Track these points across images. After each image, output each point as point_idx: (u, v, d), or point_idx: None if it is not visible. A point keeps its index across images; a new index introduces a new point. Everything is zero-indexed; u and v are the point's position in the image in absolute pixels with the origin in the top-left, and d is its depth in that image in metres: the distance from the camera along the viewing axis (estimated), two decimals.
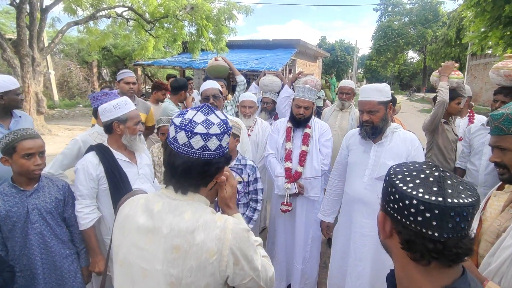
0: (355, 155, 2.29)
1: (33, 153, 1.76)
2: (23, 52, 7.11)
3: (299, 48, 15.77)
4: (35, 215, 1.82)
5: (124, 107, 2.01)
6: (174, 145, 1.00)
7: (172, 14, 9.37)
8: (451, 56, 25.20)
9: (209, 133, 0.98)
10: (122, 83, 3.46)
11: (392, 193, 0.75)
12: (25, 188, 1.83)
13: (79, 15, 9.19)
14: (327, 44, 47.41)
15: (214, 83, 2.89)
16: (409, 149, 2.13)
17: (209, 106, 1.06)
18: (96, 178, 1.97)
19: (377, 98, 2.11)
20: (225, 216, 1.03)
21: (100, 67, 17.53)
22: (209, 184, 1.07)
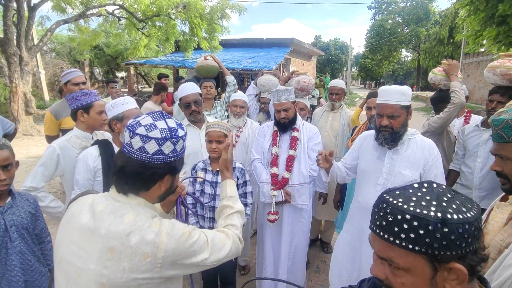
0: (368, 162, 2.11)
1: None
2: (10, 51, 6.94)
3: (293, 46, 15.72)
4: (14, 232, 1.64)
5: (121, 106, 2.05)
6: (123, 144, 1.07)
7: (164, 12, 9.24)
8: (444, 55, 25.39)
9: (148, 136, 1.01)
10: (70, 84, 3.07)
11: (459, 234, 0.66)
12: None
13: (69, 13, 9.03)
14: (321, 42, 47.47)
15: (194, 87, 2.77)
16: (427, 157, 1.95)
17: (163, 113, 1.10)
18: (93, 170, 2.00)
19: (400, 101, 1.92)
20: (163, 221, 1.04)
21: (92, 66, 17.32)
22: (153, 190, 1.08)
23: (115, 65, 17.42)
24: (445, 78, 2.98)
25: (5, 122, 2.85)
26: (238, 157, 3.09)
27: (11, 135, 2.92)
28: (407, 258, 0.69)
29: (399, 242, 0.68)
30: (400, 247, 0.69)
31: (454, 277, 0.68)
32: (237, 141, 3.17)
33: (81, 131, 2.24)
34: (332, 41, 48.35)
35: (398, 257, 0.70)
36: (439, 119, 2.84)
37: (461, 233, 0.65)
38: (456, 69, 2.91)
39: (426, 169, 1.96)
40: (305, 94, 3.57)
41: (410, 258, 0.69)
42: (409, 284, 0.71)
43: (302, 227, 2.72)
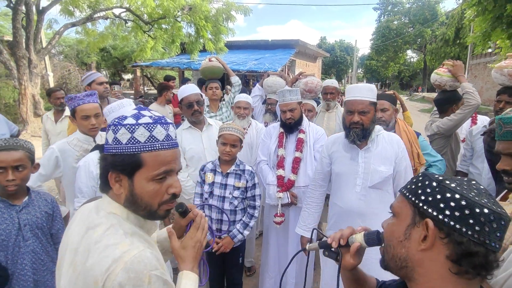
0: (342, 164, 2.10)
1: (4, 167, 1.60)
2: (19, 54, 7.04)
3: (298, 48, 15.72)
4: (27, 231, 1.67)
5: (118, 110, 1.94)
6: None
7: (170, 15, 9.31)
8: (450, 56, 25.17)
9: (109, 124, 0.94)
10: (95, 84, 3.19)
11: (453, 199, 0.68)
12: (13, 202, 1.67)
13: (77, 16, 9.14)
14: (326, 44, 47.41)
15: (195, 87, 2.78)
16: (396, 151, 2.00)
17: (141, 107, 1.00)
18: (96, 177, 1.89)
19: (370, 98, 1.96)
20: (136, 245, 0.87)
21: (99, 68, 17.49)
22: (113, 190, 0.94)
23: (122, 67, 17.59)
24: (452, 79, 2.95)
25: (9, 123, 2.96)
26: (243, 158, 3.08)
27: (15, 136, 3.00)
28: (401, 204, 0.80)
29: (404, 192, 0.79)
30: (403, 196, 0.79)
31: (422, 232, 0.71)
32: None
33: (82, 134, 2.20)
34: (337, 42, 48.28)
35: (397, 203, 0.82)
36: (450, 121, 2.80)
37: (448, 198, 0.68)
38: (462, 69, 2.88)
39: (397, 162, 1.99)
40: (313, 95, 3.58)
41: (403, 204, 0.79)
42: (391, 225, 0.82)
43: None
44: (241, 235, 2.37)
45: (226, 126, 2.36)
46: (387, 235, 0.83)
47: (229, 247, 2.35)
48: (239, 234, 2.37)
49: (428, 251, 0.71)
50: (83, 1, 8.79)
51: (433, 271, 0.71)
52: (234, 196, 2.37)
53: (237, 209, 2.40)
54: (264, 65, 12.07)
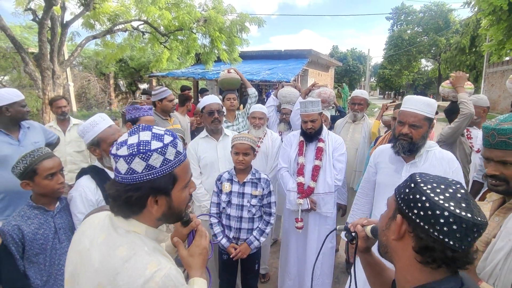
0: (385, 175, 2.08)
1: (55, 172, 1.75)
2: (44, 66, 7.37)
3: (311, 58, 15.83)
4: (62, 234, 1.81)
5: (92, 129, 1.87)
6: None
7: (186, 27, 9.59)
8: (466, 64, 24.82)
9: (117, 154, 0.91)
10: (166, 101, 3.60)
11: (420, 200, 0.79)
12: (49, 208, 1.80)
13: (97, 29, 9.52)
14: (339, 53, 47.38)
15: (217, 98, 2.95)
16: (446, 171, 1.88)
17: (142, 126, 0.97)
18: (96, 203, 1.81)
19: (425, 112, 1.88)
20: (163, 264, 0.90)
21: (117, 78, 18.01)
22: (145, 213, 0.96)
23: (138, 77, 18.06)
24: (452, 90, 3.01)
25: (47, 132, 3.05)
26: (258, 167, 3.17)
27: (53, 144, 3.12)
28: (391, 199, 0.93)
29: (395, 189, 0.92)
30: (394, 192, 0.92)
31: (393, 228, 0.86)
32: (258, 151, 3.28)
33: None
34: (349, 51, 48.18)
35: (390, 197, 0.94)
36: (449, 129, 2.88)
37: (422, 203, 0.78)
38: (462, 80, 2.94)
39: None
40: (326, 105, 3.64)
41: (392, 200, 0.92)
42: (382, 216, 0.97)
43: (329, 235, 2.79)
44: (257, 241, 2.45)
45: (237, 136, 2.45)
46: (379, 224, 0.98)
47: (246, 253, 2.43)
48: (256, 240, 2.44)
49: (400, 241, 0.85)
50: (103, 15, 9.17)
51: (405, 258, 0.85)
52: (252, 204, 2.45)
53: (255, 217, 2.48)
54: (277, 74, 12.21)
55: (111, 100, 16.71)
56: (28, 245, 1.68)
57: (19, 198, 2.29)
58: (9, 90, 2.61)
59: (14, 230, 1.66)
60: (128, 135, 0.95)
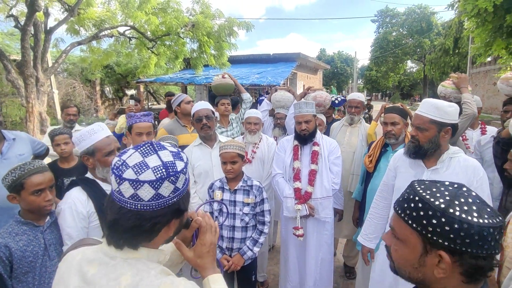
0: (404, 180, 1.99)
1: (43, 189, 1.65)
2: (27, 73, 7.14)
3: (299, 61, 15.90)
4: (52, 251, 1.71)
5: (89, 138, 1.78)
6: (112, 191, 0.86)
7: (173, 32, 9.48)
8: (450, 65, 25.38)
9: (139, 180, 0.80)
10: (184, 104, 3.56)
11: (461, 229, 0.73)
12: (38, 223, 1.69)
13: (82, 35, 9.32)
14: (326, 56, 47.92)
15: (206, 103, 2.84)
16: (471, 179, 1.78)
17: (154, 144, 0.89)
18: (87, 216, 1.71)
19: (430, 115, 1.83)
20: (176, 282, 0.83)
21: (103, 85, 17.69)
22: (157, 238, 0.89)
23: (125, 83, 17.79)
24: (455, 91, 2.97)
25: (36, 143, 2.89)
26: (255, 173, 3.11)
27: (42, 155, 2.97)
28: (405, 231, 0.82)
29: (403, 216, 0.82)
30: (403, 221, 0.82)
31: (444, 266, 0.77)
32: (254, 157, 3.21)
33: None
34: (336, 54, 48.78)
35: (399, 228, 0.84)
36: None
37: (457, 229, 0.72)
38: (465, 81, 2.92)
39: None
40: (321, 109, 3.59)
41: (407, 232, 0.82)
42: (400, 252, 0.85)
43: (326, 240, 2.74)
44: (251, 252, 2.35)
45: (223, 145, 2.36)
46: (399, 261, 0.88)
47: (240, 265, 2.34)
48: (249, 251, 2.35)
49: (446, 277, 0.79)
50: (88, 20, 8.98)
51: (449, 285, 0.80)
52: (244, 212, 2.37)
53: (248, 226, 2.39)
54: (266, 78, 12.19)
55: (97, 107, 16.39)
56: (16, 263, 1.57)
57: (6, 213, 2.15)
58: None
59: (1, 248, 1.54)
60: (141, 156, 0.85)
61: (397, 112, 2.69)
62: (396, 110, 2.73)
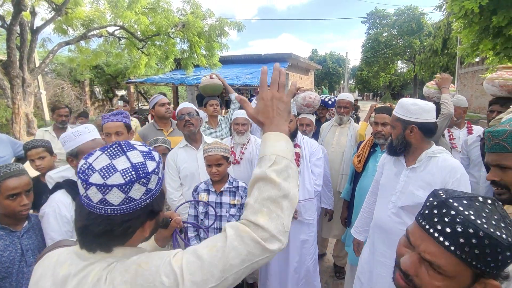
0: (386, 177, 2.08)
1: (18, 193, 1.59)
2: (13, 74, 7.02)
3: (291, 61, 15.95)
4: (30, 256, 1.65)
5: (74, 139, 1.76)
6: (80, 195, 0.82)
7: (163, 32, 9.41)
8: (439, 65, 25.74)
9: (107, 184, 0.76)
10: (157, 106, 3.43)
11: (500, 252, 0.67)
12: (15, 228, 1.64)
13: (70, 35, 9.19)
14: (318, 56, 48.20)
15: (188, 104, 2.83)
16: (446, 179, 1.78)
17: (122, 144, 0.84)
18: (71, 220, 1.68)
19: (396, 113, 1.93)
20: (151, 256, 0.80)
21: (93, 85, 17.48)
22: (132, 239, 0.85)
23: (115, 83, 17.60)
24: (438, 91, 3.00)
25: (17, 145, 2.83)
26: (243, 174, 3.09)
27: (24, 158, 2.90)
28: (457, 268, 0.69)
29: (460, 253, 0.68)
30: (457, 257, 0.68)
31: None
32: (242, 158, 3.18)
33: None
34: (328, 54, 49.09)
35: (448, 265, 0.70)
36: None
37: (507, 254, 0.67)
38: (447, 82, 2.95)
39: None
40: (311, 110, 3.58)
41: (460, 269, 0.69)
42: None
43: (311, 242, 2.71)
44: None
45: (207, 147, 2.32)
46: None
47: None
48: None
49: None
50: (76, 20, 8.86)
51: None
52: (231, 214, 2.33)
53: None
54: (257, 79, 12.18)
55: (87, 108, 16.15)
56: None
57: None
58: None
59: None
60: (109, 158, 0.80)
61: (387, 113, 2.70)
62: (386, 110, 2.73)
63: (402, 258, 0.79)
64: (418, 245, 0.75)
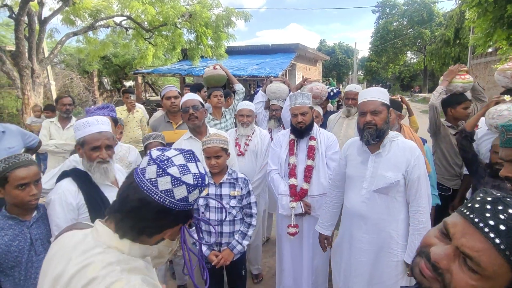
0: (353, 167, 2.16)
1: (27, 183, 1.62)
2: (22, 64, 7.07)
3: (298, 52, 15.76)
4: (39, 246, 1.70)
5: (82, 129, 1.80)
6: (139, 177, 0.89)
7: (170, 22, 9.36)
8: (451, 56, 25.22)
9: (181, 180, 0.87)
10: (164, 99, 3.44)
11: None
12: (24, 218, 1.68)
13: (78, 26, 9.20)
14: (326, 47, 47.55)
15: (194, 95, 2.80)
16: (408, 158, 1.98)
17: (193, 153, 0.97)
18: (76, 208, 1.73)
19: (380, 98, 2.02)
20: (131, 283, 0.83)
21: (101, 76, 17.57)
22: (155, 238, 0.94)
23: (123, 74, 17.65)
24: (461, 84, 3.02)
25: (27, 136, 2.86)
26: (247, 166, 3.09)
27: (34, 148, 2.94)
28: (499, 268, 0.63)
29: (509, 254, 0.62)
30: (504, 257, 0.63)
31: None
32: (246, 150, 3.18)
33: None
34: (337, 45, 48.37)
35: (490, 264, 0.64)
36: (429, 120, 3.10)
37: None
38: (451, 74, 3.03)
39: (409, 170, 1.98)
40: (318, 101, 3.54)
41: (502, 270, 0.64)
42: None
43: None
44: (240, 245, 2.32)
45: (205, 139, 2.31)
46: None
47: (229, 259, 2.30)
48: (238, 244, 2.32)
49: None
50: (84, 10, 8.85)
51: None
52: (231, 205, 2.33)
53: (235, 219, 2.35)
54: (265, 69, 12.10)
55: (95, 98, 16.29)
56: (2, 258, 1.58)
57: None
58: None
59: None
60: (184, 159, 0.92)
61: (396, 107, 2.75)
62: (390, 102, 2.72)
63: (433, 248, 0.72)
64: (458, 237, 0.68)
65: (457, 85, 3.04)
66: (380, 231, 2.02)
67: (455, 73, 3.00)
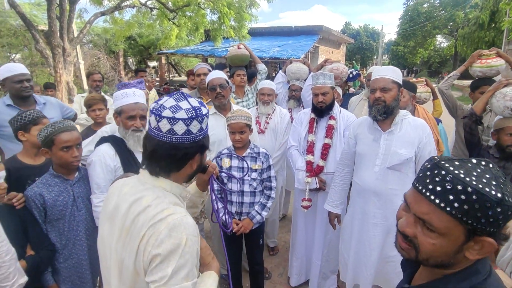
0: (364, 145, 2.20)
1: (70, 146, 1.82)
2: (54, 43, 7.40)
3: (322, 34, 15.45)
4: (80, 203, 1.91)
5: (120, 99, 2.00)
6: (149, 128, 1.08)
7: (194, 2, 9.41)
8: (485, 41, 23.82)
9: (175, 117, 1.02)
10: (195, 75, 3.60)
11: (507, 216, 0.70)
12: (67, 177, 1.90)
13: (105, 6, 9.42)
14: (351, 29, 45.97)
15: (220, 73, 2.87)
16: (420, 135, 2.05)
17: (183, 93, 1.10)
18: (114, 169, 1.96)
19: (391, 76, 2.06)
20: (179, 212, 1.02)
21: (126, 56, 17.96)
22: (184, 169, 1.11)
23: (147, 54, 17.96)
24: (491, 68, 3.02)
25: (64, 108, 3.10)
26: (267, 144, 3.21)
27: (70, 119, 3.17)
28: (448, 224, 0.73)
29: (450, 210, 0.71)
30: (448, 214, 0.72)
31: (478, 248, 0.74)
32: (266, 128, 3.30)
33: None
34: (362, 27, 46.65)
35: (439, 221, 0.73)
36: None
37: (509, 215, 0.70)
38: (471, 59, 3.07)
39: (420, 147, 2.05)
40: (338, 82, 3.57)
41: (451, 225, 0.73)
42: (439, 246, 0.75)
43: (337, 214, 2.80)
44: (259, 216, 2.46)
45: (230, 115, 2.42)
46: (433, 253, 0.78)
47: (249, 228, 2.45)
48: (258, 215, 2.46)
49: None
50: None
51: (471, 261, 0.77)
52: (252, 178, 2.46)
53: (256, 191, 2.49)
54: (287, 52, 12.01)
55: (121, 78, 16.73)
56: (49, 210, 1.80)
57: None
58: (6, 66, 2.64)
59: (36, 196, 1.79)
60: (175, 100, 1.06)
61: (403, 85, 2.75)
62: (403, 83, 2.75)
63: (400, 220, 0.83)
64: (413, 205, 0.79)
65: (476, 69, 3.02)
66: (394, 205, 2.09)
67: (475, 58, 3.00)
